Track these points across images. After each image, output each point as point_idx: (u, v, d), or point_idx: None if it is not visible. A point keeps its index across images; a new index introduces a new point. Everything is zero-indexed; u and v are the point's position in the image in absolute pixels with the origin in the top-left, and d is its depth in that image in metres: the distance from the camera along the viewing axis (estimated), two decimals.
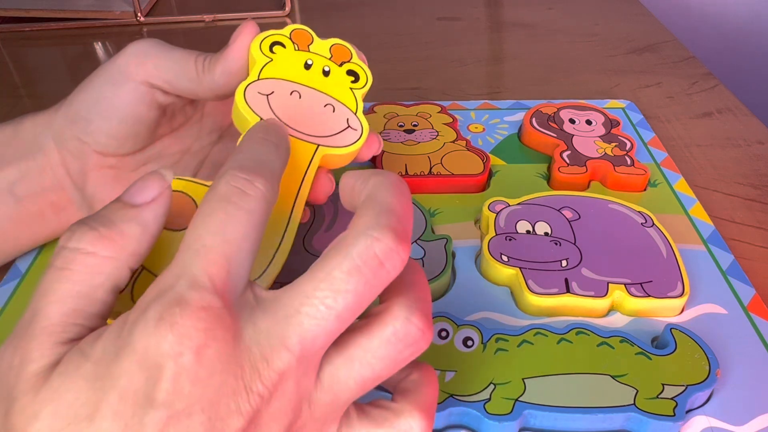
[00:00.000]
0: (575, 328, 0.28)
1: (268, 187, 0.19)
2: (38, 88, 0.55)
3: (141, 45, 0.30)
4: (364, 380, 0.19)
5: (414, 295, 0.20)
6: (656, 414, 0.25)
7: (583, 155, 0.40)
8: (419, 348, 0.19)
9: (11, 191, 0.30)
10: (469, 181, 0.38)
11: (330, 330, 0.18)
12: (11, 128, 0.31)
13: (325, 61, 0.28)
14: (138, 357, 0.16)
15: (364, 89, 0.28)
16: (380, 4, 0.71)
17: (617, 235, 0.33)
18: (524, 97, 0.49)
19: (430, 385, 0.21)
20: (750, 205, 0.39)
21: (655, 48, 0.60)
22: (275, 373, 0.17)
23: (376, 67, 0.46)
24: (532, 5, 0.70)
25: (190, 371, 0.16)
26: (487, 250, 0.32)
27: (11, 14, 0.65)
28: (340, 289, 0.17)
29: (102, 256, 0.18)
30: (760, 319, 0.30)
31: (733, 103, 0.50)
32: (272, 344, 0.17)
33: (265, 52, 0.27)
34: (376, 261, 0.18)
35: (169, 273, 0.17)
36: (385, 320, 0.19)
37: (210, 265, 0.17)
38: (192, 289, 0.17)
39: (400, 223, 0.18)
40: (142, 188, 0.20)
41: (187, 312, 0.16)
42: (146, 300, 0.17)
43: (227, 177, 0.19)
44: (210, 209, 0.18)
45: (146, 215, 0.20)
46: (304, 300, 0.17)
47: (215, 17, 0.67)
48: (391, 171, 0.20)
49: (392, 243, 0.18)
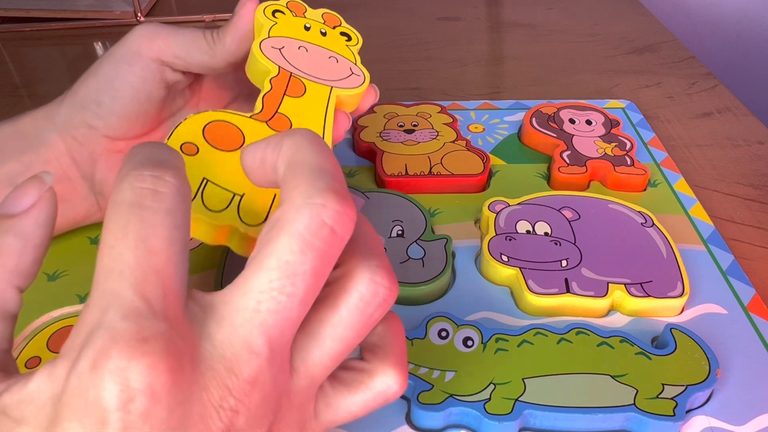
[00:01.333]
0: (575, 328, 0.28)
1: (181, 180, 0.17)
2: (38, 88, 0.55)
3: (148, 26, 0.30)
4: (338, 353, 0.18)
5: (370, 252, 0.18)
6: (656, 414, 0.25)
7: (583, 155, 0.40)
8: (388, 305, 0.18)
9: (13, 184, 0.30)
10: (469, 181, 0.38)
11: (295, 318, 0.16)
12: (10, 126, 0.31)
13: (320, 25, 0.32)
14: (79, 415, 0.14)
15: (357, 46, 0.33)
16: (380, 4, 0.71)
17: (617, 235, 0.33)
18: (524, 97, 0.49)
19: (397, 336, 0.20)
20: (750, 205, 0.39)
21: (655, 48, 0.60)
22: (246, 383, 0.16)
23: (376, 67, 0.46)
24: (532, 5, 0.70)
25: (144, 415, 0.14)
26: (487, 250, 0.32)
27: (11, 14, 0.65)
28: (297, 272, 0.16)
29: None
30: (760, 319, 0.30)
31: (733, 103, 0.50)
32: (237, 354, 0.16)
33: (269, 17, 0.30)
34: (326, 230, 0.16)
35: (92, 307, 0.15)
36: (348, 286, 0.17)
37: (141, 286, 0.15)
38: (125, 319, 0.14)
39: (336, 181, 0.17)
40: (19, 195, 0.17)
41: (126, 349, 0.14)
42: (73, 345, 0.15)
43: (130, 179, 0.16)
44: (122, 220, 0.15)
45: (25, 224, 0.17)
46: (260, 296, 0.16)
47: (215, 17, 0.67)
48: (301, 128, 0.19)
49: (338, 206, 0.16)
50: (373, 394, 0.19)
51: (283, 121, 0.27)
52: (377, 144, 0.40)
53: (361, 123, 0.43)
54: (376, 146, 0.40)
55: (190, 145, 0.24)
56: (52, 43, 0.63)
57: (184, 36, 0.30)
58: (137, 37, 0.30)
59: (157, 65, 0.30)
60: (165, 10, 0.70)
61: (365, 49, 0.33)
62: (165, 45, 0.30)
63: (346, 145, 0.42)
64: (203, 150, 0.24)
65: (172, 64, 0.30)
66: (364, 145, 0.41)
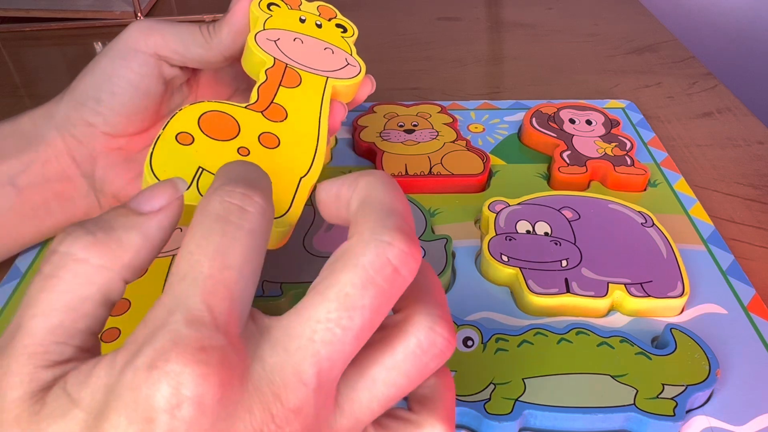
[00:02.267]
0: (575, 328, 0.28)
1: (267, 203, 0.17)
2: (38, 88, 0.55)
3: (144, 21, 0.31)
4: (388, 399, 0.17)
5: (433, 300, 0.18)
6: (656, 414, 0.25)
7: (583, 155, 0.40)
8: (444, 358, 0.18)
9: (13, 183, 0.30)
10: (469, 181, 0.38)
11: (348, 352, 0.16)
12: (9, 125, 0.31)
13: (316, 17, 0.32)
14: (128, 410, 0.14)
15: (353, 38, 0.33)
16: (380, 4, 0.71)
17: (617, 235, 0.33)
18: (524, 97, 0.49)
19: (448, 391, 0.20)
20: (750, 205, 0.39)
21: (655, 48, 0.60)
22: (290, 411, 0.15)
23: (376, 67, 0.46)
24: (532, 5, 0.70)
25: (189, 423, 0.14)
26: (487, 250, 0.32)
27: (11, 14, 0.65)
28: (356, 306, 0.16)
29: (94, 264, 0.16)
30: (760, 319, 0.30)
31: (733, 103, 0.50)
32: (286, 381, 0.15)
33: (264, 10, 0.30)
34: (390, 268, 0.16)
35: (161, 306, 0.15)
36: (408, 331, 0.17)
37: (210, 296, 0.15)
38: (189, 325, 0.15)
39: (406, 223, 0.17)
40: (151, 196, 0.18)
41: (184, 355, 0.14)
42: (137, 339, 0.15)
43: (221, 193, 0.17)
44: (205, 230, 0.16)
45: (150, 225, 0.18)
46: (316, 326, 0.16)
47: (215, 17, 0.67)
48: (377, 170, 0.19)
49: (405, 246, 0.16)
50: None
51: (278, 111, 0.27)
52: (377, 144, 0.40)
53: (361, 123, 0.43)
54: (376, 146, 0.40)
55: (186, 134, 0.24)
56: (52, 43, 0.63)
57: (181, 30, 0.30)
58: (134, 33, 0.30)
59: (155, 60, 0.30)
60: (165, 10, 0.70)
61: (365, 49, 0.33)
62: (162, 40, 0.30)
63: (346, 145, 0.42)
64: (199, 139, 0.24)
65: (169, 59, 0.31)
66: (364, 145, 0.41)
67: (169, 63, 0.31)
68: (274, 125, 0.26)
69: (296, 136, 0.27)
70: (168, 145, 0.24)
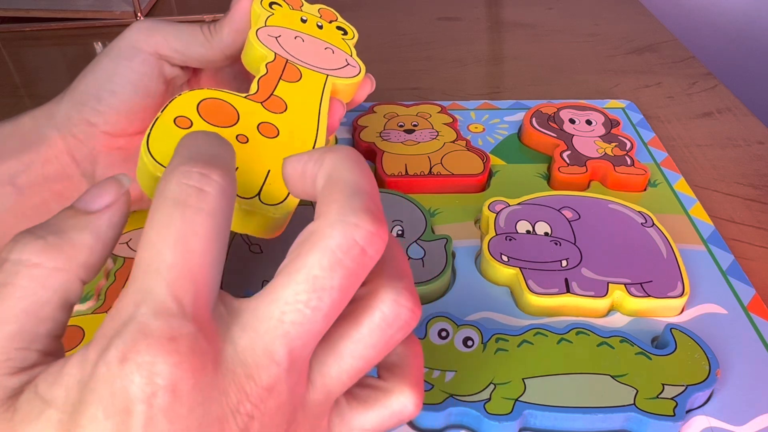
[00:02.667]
0: (575, 328, 0.28)
1: (227, 180, 0.17)
2: (38, 88, 0.55)
3: (145, 21, 0.31)
4: (356, 371, 0.18)
5: (396, 273, 0.18)
6: (656, 414, 0.25)
7: (583, 155, 0.40)
8: (410, 328, 0.18)
9: (12, 183, 0.30)
10: (469, 181, 0.38)
11: (318, 331, 0.17)
12: (9, 125, 0.31)
13: (317, 19, 0.32)
14: (104, 403, 0.14)
15: (353, 41, 0.33)
16: (380, 4, 0.71)
17: (617, 235, 0.33)
18: (524, 97, 0.49)
19: (416, 358, 0.20)
20: (750, 205, 0.39)
21: (655, 48, 0.60)
22: (264, 389, 0.16)
23: (376, 67, 0.46)
24: (532, 5, 0.70)
25: (166, 411, 0.14)
26: (487, 250, 0.32)
27: (11, 14, 0.65)
28: (324, 287, 0.16)
29: (48, 267, 0.16)
30: (760, 319, 0.30)
31: (733, 103, 0.50)
32: (257, 361, 0.16)
33: (266, 8, 0.31)
34: (357, 249, 0.16)
35: (127, 299, 0.15)
36: (373, 305, 0.18)
37: (175, 285, 0.15)
38: (157, 316, 0.15)
39: (372, 202, 0.17)
40: (97, 194, 0.18)
41: (154, 346, 0.14)
42: (105, 333, 0.15)
43: (177, 175, 0.16)
44: (164, 217, 0.16)
45: (100, 223, 0.18)
46: (285, 307, 0.16)
47: (215, 17, 0.67)
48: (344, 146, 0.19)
49: (371, 226, 0.16)
50: (389, 413, 0.19)
51: (278, 103, 0.27)
52: (377, 144, 0.40)
53: (361, 123, 0.43)
54: (376, 146, 0.40)
55: (184, 119, 0.24)
56: (52, 43, 0.63)
57: (182, 29, 0.30)
58: (135, 32, 0.30)
59: (155, 59, 0.30)
60: (165, 10, 0.70)
61: (365, 49, 0.33)
62: (163, 39, 0.30)
63: (346, 145, 0.42)
64: (197, 124, 0.24)
65: (170, 58, 0.31)
66: (364, 145, 0.41)
67: (170, 62, 0.31)
68: (273, 116, 0.26)
69: (295, 129, 0.27)
70: (166, 127, 0.23)
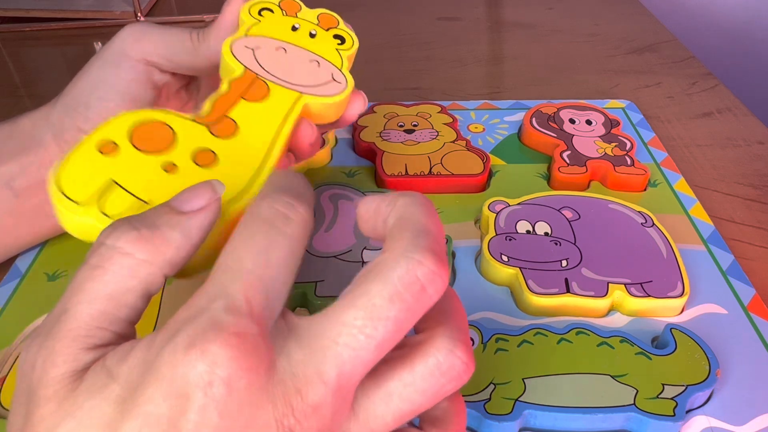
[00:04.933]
0: (575, 328, 0.28)
1: (309, 215, 0.19)
2: (38, 88, 0.55)
3: (135, 26, 0.30)
4: (402, 415, 0.18)
5: (455, 324, 0.19)
6: (656, 414, 0.25)
7: (583, 155, 0.40)
8: (462, 381, 0.18)
9: (10, 186, 0.30)
10: (469, 181, 0.38)
11: (368, 360, 0.17)
12: (8, 126, 0.31)
13: (312, 26, 0.30)
14: (164, 385, 0.15)
15: (351, 51, 0.30)
16: (380, 4, 0.71)
17: (617, 235, 0.33)
18: (524, 97, 0.49)
19: (459, 415, 0.20)
20: (750, 205, 0.39)
21: (655, 48, 0.60)
22: (309, 407, 0.16)
23: (376, 67, 0.46)
24: (532, 5, 0.70)
25: (219, 403, 0.15)
26: (487, 250, 0.32)
27: (11, 14, 0.65)
28: (381, 317, 0.16)
29: (138, 258, 0.18)
30: (760, 319, 0.30)
31: (733, 103, 0.50)
32: (307, 377, 0.16)
33: (254, 16, 0.29)
34: (418, 285, 0.17)
35: (204, 294, 0.17)
36: (428, 351, 0.18)
37: (249, 289, 0.16)
38: (228, 312, 0.16)
39: (438, 243, 0.18)
40: (192, 196, 0.19)
41: (221, 338, 0.15)
42: (177, 321, 0.16)
43: (270, 200, 0.18)
44: (252, 231, 0.18)
45: (191, 224, 0.19)
46: (342, 329, 0.16)
47: (215, 17, 0.67)
48: (417, 192, 0.20)
49: (434, 266, 0.17)
50: None
51: (228, 126, 0.25)
52: (377, 144, 0.40)
53: (361, 123, 0.43)
54: (376, 146, 0.40)
55: (110, 144, 0.23)
56: (52, 43, 0.63)
57: (171, 36, 0.30)
58: (124, 39, 0.30)
59: (143, 66, 0.30)
60: (165, 10, 0.70)
61: (365, 50, 0.32)
62: (151, 46, 0.30)
63: (346, 145, 0.42)
64: (123, 149, 0.23)
65: (159, 65, 0.30)
66: (364, 145, 0.41)
67: (159, 69, 0.30)
68: (216, 141, 0.24)
69: (239, 156, 0.24)
70: (85, 152, 0.22)
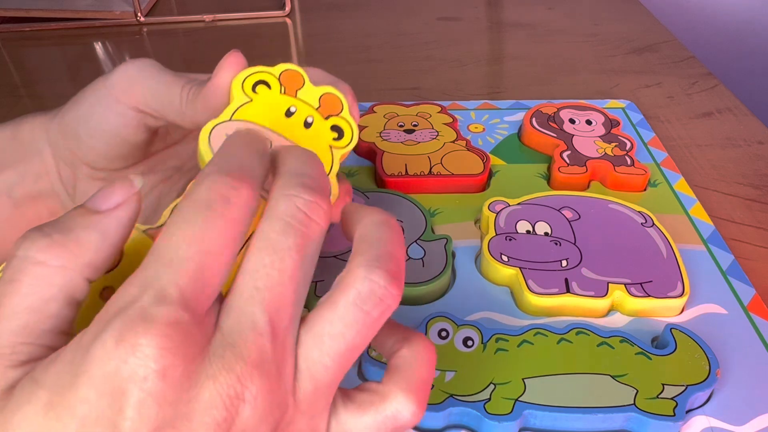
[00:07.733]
0: (575, 328, 0.28)
1: (252, 196, 0.18)
2: (38, 88, 0.55)
3: (130, 68, 0.28)
4: (339, 354, 0.18)
5: (376, 252, 0.18)
6: (656, 414, 0.25)
7: (583, 155, 0.40)
8: (388, 306, 0.18)
9: (9, 194, 0.30)
10: (469, 181, 0.38)
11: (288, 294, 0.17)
12: (10, 130, 0.31)
13: (310, 111, 0.25)
14: (97, 383, 0.15)
15: (345, 150, 0.25)
16: (380, 4, 0.71)
17: (617, 235, 0.33)
18: (524, 97, 0.49)
19: (422, 362, 0.20)
20: (750, 205, 0.39)
21: (655, 48, 0.60)
22: (252, 367, 0.16)
23: (376, 67, 0.46)
24: (532, 5, 0.70)
25: (156, 395, 0.15)
26: (487, 250, 0.32)
27: (11, 14, 0.65)
28: (282, 248, 0.17)
29: (53, 265, 0.17)
30: (760, 319, 0.30)
31: (733, 103, 0.50)
32: (243, 336, 0.16)
33: (247, 92, 0.24)
34: (301, 215, 0.18)
35: (133, 285, 0.16)
36: (347, 283, 0.18)
37: (182, 277, 0.16)
38: (159, 303, 0.15)
39: (319, 185, 0.19)
40: (107, 194, 0.18)
41: (152, 330, 0.15)
42: (105, 316, 0.16)
43: (209, 181, 0.18)
44: (188, 215, 0.17)
45: (108, 222, 0.18)
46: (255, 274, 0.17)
47: (215, 17, 0.67)
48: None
49: (312, 197, 0.18)
50: (383, 418, 0.19)
51: None
52: (377, 144, 0.40)
53: (361, 123, 0.43)
54: (376, 146, 0.40)
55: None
56: (52, 43, 0.63)
57: (163, 87, 0.27)
58: (117, 82, 0.28)
59: (135, 113, 0.28)
60: (165, 10, 0.70)
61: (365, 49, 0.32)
62: (141, 96, 0.28)
63: None
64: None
65: (150, 114, 0.29)
66: (364, 145, 0.41)
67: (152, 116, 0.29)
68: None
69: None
70: None
